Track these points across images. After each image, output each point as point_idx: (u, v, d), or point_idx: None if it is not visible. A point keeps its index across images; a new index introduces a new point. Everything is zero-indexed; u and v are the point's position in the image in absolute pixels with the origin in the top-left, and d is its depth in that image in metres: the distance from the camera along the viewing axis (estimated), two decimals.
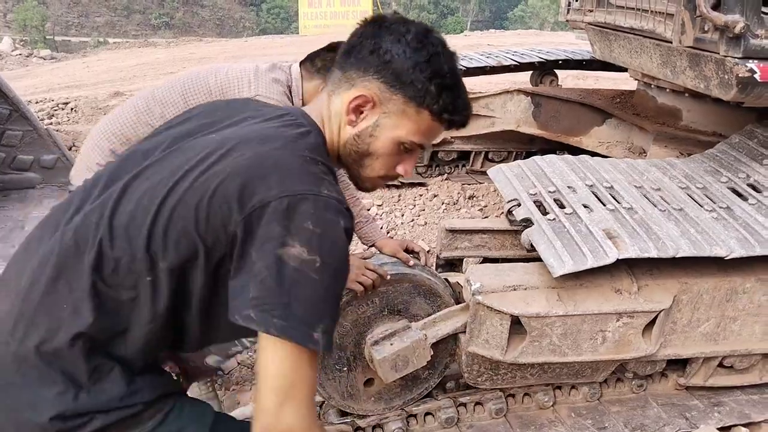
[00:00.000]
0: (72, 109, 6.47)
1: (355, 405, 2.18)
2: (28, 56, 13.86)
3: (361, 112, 1.26)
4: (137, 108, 2.25)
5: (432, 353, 2.07)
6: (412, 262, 2.13)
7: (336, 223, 1.08)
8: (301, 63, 2.34)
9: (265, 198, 1.05)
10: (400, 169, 1.34)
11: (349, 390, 2.14)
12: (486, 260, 2.50)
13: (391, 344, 2.02)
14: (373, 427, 2.24)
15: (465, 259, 2.49)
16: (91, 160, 2.22)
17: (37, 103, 6.81)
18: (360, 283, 1.97)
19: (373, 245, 2.32)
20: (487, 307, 1.96)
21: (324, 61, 2.23)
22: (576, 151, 3.91)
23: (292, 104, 2.18)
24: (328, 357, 2.06)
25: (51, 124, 5.98)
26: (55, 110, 6.46)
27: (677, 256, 1.95)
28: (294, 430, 1.02)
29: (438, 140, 4.59)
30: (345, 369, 2.11)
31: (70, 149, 5.20)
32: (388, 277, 2.01)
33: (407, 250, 2.19)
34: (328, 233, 1.06)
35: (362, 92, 1.24)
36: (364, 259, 2.08)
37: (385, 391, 2.22)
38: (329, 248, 1.06)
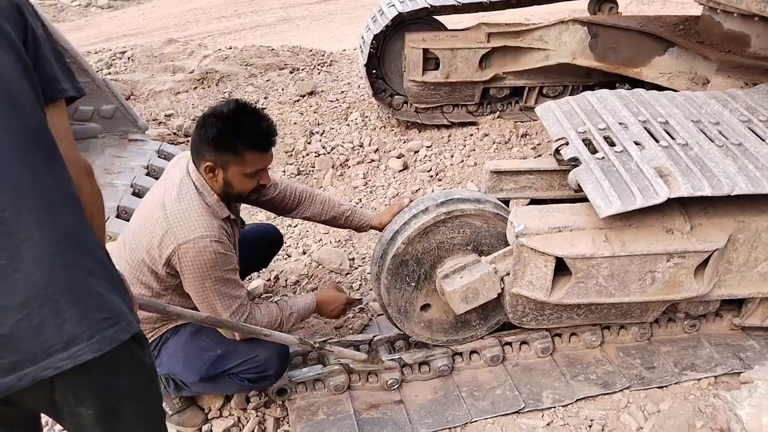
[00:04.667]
0: (129, 58, 6.60)
1: (405, 323, 2.26)
2: (87, 6, 14.13)
3: None
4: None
5: (502, 287, 2.11)
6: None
7: None
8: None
9: None
10: None
11: (406, 307, 2.23)
12: (533, 201, 2.46)
13: (461, 277, 2.08)
14: (420, 364, 2.32)
15: (511, 201, 2.46)
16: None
17: (96, 53, 6.99)
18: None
19: (371, 227, 2.38)
20: (531, 249, 1.95)
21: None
22: (636, 83, 3.73)
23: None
24: (404, 267, 2.14)
25: (110, 73, 6.15)
26: (113, 60, 6.61)
27: (733, 193, 1.86)
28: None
29: (489, 76, 4.47)
30: (412, 285, 2.19)
31: (128, 99, 5.36)
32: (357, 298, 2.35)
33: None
34: None
35: None
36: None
37: (436, 323, 2.28)
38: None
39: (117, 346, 1.10)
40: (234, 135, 1.84)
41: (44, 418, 2.30)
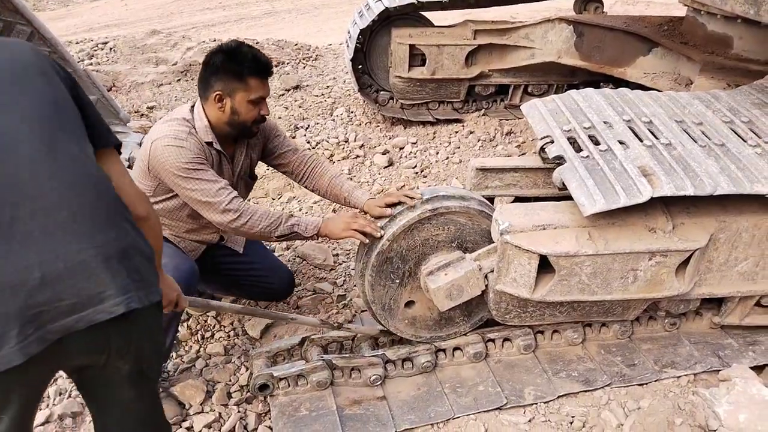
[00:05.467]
0: (111, 48, 6.51)
1: (389, 319, 2.25)
2: None
3: None
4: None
5: (486, 284, 2.11)
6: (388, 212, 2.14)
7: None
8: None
9: None
10: None
11: (391, 303, 2.22)
12: (518, 199, 2.47)
13: (446, 274, 2.09)
14: (403, 361, 2.31)
15: (496, 198, 2.47)
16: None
17: (77, 43, 6.88)
18: (355, 230, 2.09)
19: (361, 210, 2.34)
20: (515, 246, 1.95)
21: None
22: (620, 83, 3.76)
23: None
24: (388, 264, 2.14)
25: (91, 64, 6.06)
26: (95, 50, 6.51)
27: (715, 193, 1.88)
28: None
29: (475, 74, 4.47)
30: (397, 281, 2.18)
31: (109, 90, 5.29)
32: (379, 230, 2.09)
33: (392, 205, 2.16)
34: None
35: None
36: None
37: (420, 320, 2.28)
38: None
39: (151, 306, 1.30)
40: (238, 64, 2.15)
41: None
